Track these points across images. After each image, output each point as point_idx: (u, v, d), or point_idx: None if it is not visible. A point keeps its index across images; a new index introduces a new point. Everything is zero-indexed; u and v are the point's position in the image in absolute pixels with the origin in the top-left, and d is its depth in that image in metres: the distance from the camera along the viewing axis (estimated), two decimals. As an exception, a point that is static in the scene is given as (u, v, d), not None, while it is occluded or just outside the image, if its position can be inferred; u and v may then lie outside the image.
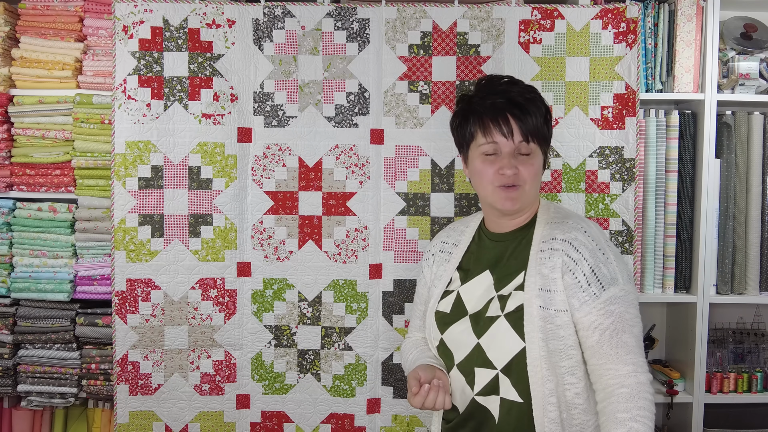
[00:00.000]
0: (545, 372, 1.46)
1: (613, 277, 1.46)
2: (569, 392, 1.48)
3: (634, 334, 1.44)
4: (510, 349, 1.49)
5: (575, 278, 1.45)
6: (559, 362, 1.47)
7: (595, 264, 1.45)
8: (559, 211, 1.59)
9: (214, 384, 2.50)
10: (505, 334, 1.49)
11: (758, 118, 2.57)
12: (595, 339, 1.44)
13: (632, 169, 2.44)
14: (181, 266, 2.47)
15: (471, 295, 1.58)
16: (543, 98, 1.58)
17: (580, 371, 1.48)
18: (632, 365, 1.42)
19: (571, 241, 1.48)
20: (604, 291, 1.44)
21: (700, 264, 2.53)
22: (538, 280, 1.48)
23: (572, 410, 1.49)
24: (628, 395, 1.39)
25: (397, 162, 2.48)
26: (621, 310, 1.44)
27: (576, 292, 1.45)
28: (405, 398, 2.49)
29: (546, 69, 2.45)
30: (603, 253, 1.47)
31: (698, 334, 2.52)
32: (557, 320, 1.46)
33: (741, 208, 2.59)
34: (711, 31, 2.49)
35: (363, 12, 2.47)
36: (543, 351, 1.45)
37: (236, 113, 2.47)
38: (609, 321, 1.43)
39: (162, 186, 2.46)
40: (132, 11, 2.43)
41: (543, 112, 1.54)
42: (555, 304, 1.46)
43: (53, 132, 2.50)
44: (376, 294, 2.49)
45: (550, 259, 1.48)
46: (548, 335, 1.45)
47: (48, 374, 2.52)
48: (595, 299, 1.44)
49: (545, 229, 1.54)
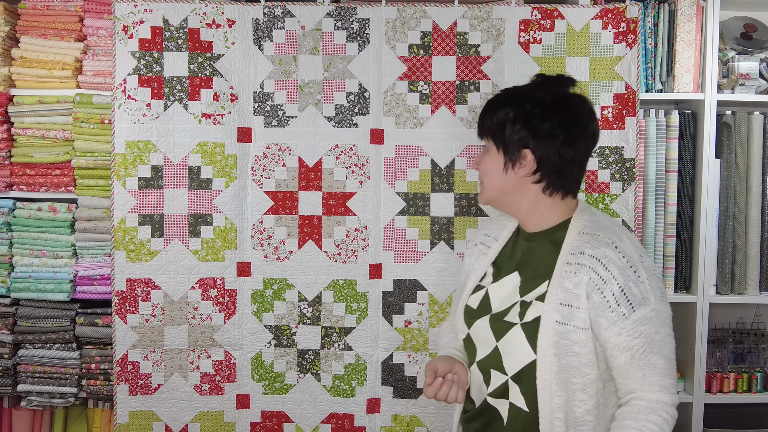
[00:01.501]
0: (554, 387, 1.44)
1: (645, 297, 1.42)
2: (579, 409, 1.46)
3: (664, 355, 1.43)
4: (521, 360, 1.48)
5: (603, 297, 1.42)
6: (571, 378, 1.45)
7: (625, 283, 1.42)
8: (593, 220, 1.54)
9: (214, 384, 2.50)
10: (519, 343, 1.49)
11: (758, 118, 2.57)
12: (623, 360, 1.42)
13: (632, 169, 2.44)
14: (181, 266, 2.47)
15: (498, 294, 1.59)
16: (530, 97, 1.54)
17: (592, 389, 1.46)
18: (658, 386, 1.41)
19: (600, 258, 1.44)
20: (633, 312, 1.41)
21: (700, 264, 2.53)
22: (560, 294, 1.46)
23: (581, 426, 1.47)
24: (643, 408, 1.40)
25: (397, 162, 2.48)
26: (651, 331, 1.41)
27: (604, 312, 1.42)
28: (405, 398, 2.49)
29: (546, 69, 2.44)
30: (634, 271, 1.43)
31: (698, 334, 2.52)
32: (574, 337, 1.44)
33: (741, 208, 2.59)
34: (711, 31, 2.49)
35: (363, 12, 2.46)
36: (554, 366, 1.44)
37: (236, 113, 2.47)
38: (638, 343, 1.41)
39: (162, 186, 2.46)
40: (132, 11, 2.43)
41: (514, 115, 1.52)
42: (574, 320, 1.44)
43: (53, 132, 2.49)
44: (376, 294, 2.49)
45: (576, 275, 1.45)
46: (562, 351, 1.44)
47: (48, 374, 2.52)
48: (624, 320, 1.41)
49: (576, 240, 1.50)
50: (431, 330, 2.48)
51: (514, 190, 1.56)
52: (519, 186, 1.55)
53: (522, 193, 1.56)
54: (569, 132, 1.51)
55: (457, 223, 2.47)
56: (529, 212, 1.58)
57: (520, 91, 1.58)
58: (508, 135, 1.52)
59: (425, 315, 2.48)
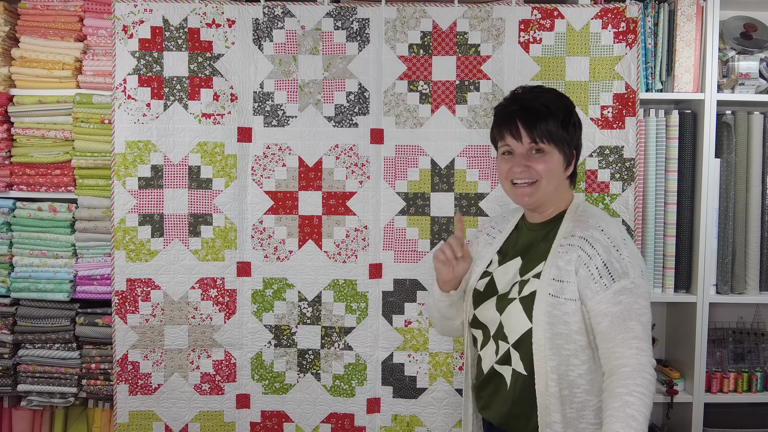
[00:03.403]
0: (548, 351, 1.60)
1: (624, 271, 1.58)
2: (573, 372, 1.61)
3: (642, 323, 1.56)
4: (520, 329, 1.64)
5: (589, 271, 1.59)
6: (564, 344, 1.61)
7: (608, 259, 1.59)
8: (585, 210, 1.73)
9: (214, 384, 2.50)
10: (517, 314, 1.65)
11: (758, 118, 2.56)
12: (604, 325, 1.57)
13: (632, 168, 2.44)
14: (181, 266, 2.47)
15: (502, 277, 1.74)
16: (566, 103, 1.70)
17: (584, 355, 1.62)
18: (636, 348, 1.53)
19: (588, 238, 1.63)
20: (614, 282, 1.57)
21: (700, 264, 2.53)
22: (553, 271, 1.63)
23: (574, 389, 1.62)
24: (629, 373, 1.51)
25: (397, 162, 2.48)
26: (629, 301, 1.56)
27: (589, 284, 1.59)
28: (405, 398, 2.50)
29: (546, 69, 2.44)
30: (617, 250, 1.61)
31: (698, 334, 2.52)
32: (564, 308, 1.60)
33: (741, 207, 2.59)
34: (711, 30, 2.49)
35: (363, 12, 2.46)
36: (548, 333, 1.60)
37: (236, 113, 2.47)
38: (617, 309, 1.55)
39: (162, 186, 2.46)
40: (132, 11, 2.43)
41: (560, 117, 1.66)
42: (565, 293, 1.60)
43: (53, 132, 2.49)
44: (375, 294, 2.49)
45: (567, 253, 1.63)
46: (554, 320, 1.60)
47: (48, 374, 2.52)
48: (605, 289, 1.57)
49: (568, 226, 1.69)
50: (431, 330, 2.48)
51: (561, 187, 1.71)
52: (562, 182, 1.71)
53: (561, 189, 1.72)
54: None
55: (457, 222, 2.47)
56: (552, 204, 1.72)
57: (559, 95, 1.72)
58: (570, 138, 1.68)
59: (425, 315, 2.48)
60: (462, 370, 2.47)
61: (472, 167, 2.47)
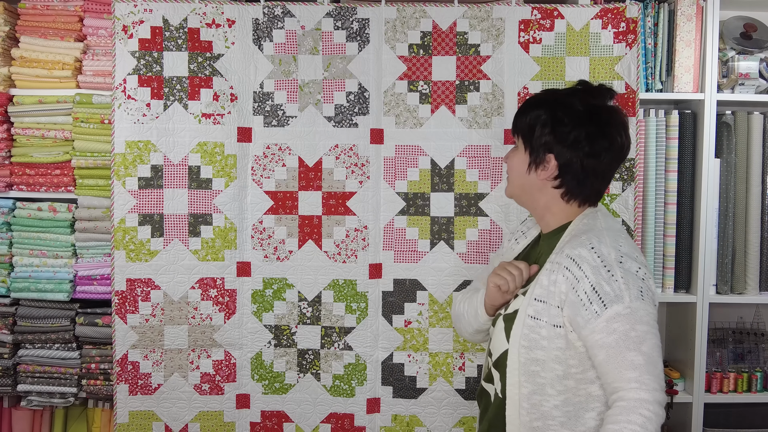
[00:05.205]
0: (521, 377, 1.50)
1: (617, 294, 1.43)
2: (547, 403, 1.50)
3: (642, 352, 1.41)
4: (499, 348, 1.58)
5: (577, 296, 1.45)
6: (540, 372, 1.50)
7: (597, 281, 1.44)
8: (586, 223, 1.58)
9: (214, 384, 2.50)
10: (499, 333, 1.59)
11: (758, 118, 2.57)
12: (600, 358, 1.44)
13: (632, 168, 2.44)
14: (180, 266, 2.47)
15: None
16: (565, 103, 1.59)
17: (561, 386, 1.49)
18: (636, 383, 1.40)
19: (575, 257, 1.48)
20: (606, 309, 1.42)
21: (699, 264, 2.53)
22: (537, 290, 1.52)
23: (548, 420, 1.50)
24: (623, 408, 1.39)
25: (397, 162, 2.48)
26: (625, 328, 1.41)
27: (579, 310, 1.45)
28: (405, 398, 2.50)
29: (546, 69, 2.44)
30: (608, 270, 1.45)
31: (698, 334, 2.52)
32: (543, 332, 1.48)
33: (741, 207, 2.59)
34: (711, 30, 2.49)
35: (363, 12, 2.46)
36: (523, 357, 1.50)
37: (236, 113, 2.47)
38: (612, 339, 1.41)
39: (162, 186, 2.46)
40: (132, 11, 2.43)
41: (544, 118, 1.57)
42: (545, 316, 1.49)
43: (53, 132, 2.50)
44: (375, 294, 2.49)
45: (553, 273, 1.51)
46: (531, 344, 1.49)
47: (48, 374, 2.52)
48: (597, 317, 1.43)
49: (563, 241, 1.57)
50: (431, 330, 2.48)
51: (534, 191, 1.62)
52: (539, 187, 1.61)
53: (540, 195, 1.62)
54: (594, 144, 1.55)
55: (456, 222, 2.47)
56: (543, 213, 1.64)
57: (557, 96, 1.63)
58: (535, 137, 1.58)
59: (425, 315, 2.48)
60: (462, 370, 2.48)
61: (472, 167, 2.47)
